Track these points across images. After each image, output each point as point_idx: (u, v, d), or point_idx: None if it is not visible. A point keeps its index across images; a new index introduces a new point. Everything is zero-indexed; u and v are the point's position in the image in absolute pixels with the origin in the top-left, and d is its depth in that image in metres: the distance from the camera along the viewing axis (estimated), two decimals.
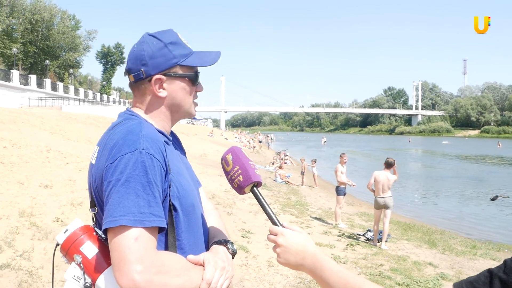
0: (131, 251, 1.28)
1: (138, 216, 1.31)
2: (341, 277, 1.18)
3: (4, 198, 7.21)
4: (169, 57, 1.57)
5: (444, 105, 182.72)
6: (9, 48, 52.76)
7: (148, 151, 1.39)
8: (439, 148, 69.64)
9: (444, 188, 23.49)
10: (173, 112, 1.65)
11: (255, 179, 1.53)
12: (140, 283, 1.25)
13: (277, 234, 1.39)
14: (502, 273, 0.88)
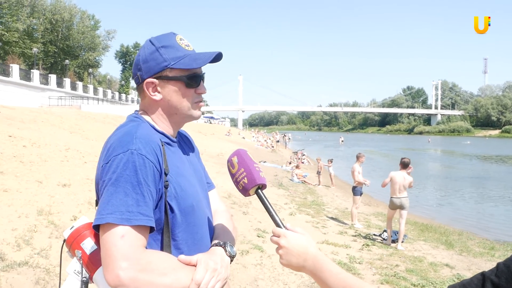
0: (116, 248, 1.32)
1: (126, 215, 1.35)
2: (340, 278, 1.19)
3: (23, 197, 7.32)
4: (160, 61, 1.59)
5: (464, 105, 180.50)
6: (30, 48, 53.62)
7: (140, 152, 1.43)
8: (458, 148, 68.79)
9: (463, 189, 23.21)
10: (171, 115, 1.66)
11: (260, 182, 1.55)
12: (124, 279, 1.29)
13: (279, 236, 1.42)
14: (494, 276, 0.89)
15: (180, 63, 1.59)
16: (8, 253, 5.18)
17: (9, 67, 36.61)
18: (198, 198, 1.64)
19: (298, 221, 10.86)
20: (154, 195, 1.45)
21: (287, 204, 13.24)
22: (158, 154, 1.49)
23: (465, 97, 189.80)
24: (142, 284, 1.31)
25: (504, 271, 0.88)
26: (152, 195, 1.44)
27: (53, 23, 61.61)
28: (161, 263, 1.37)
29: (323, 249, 8.31)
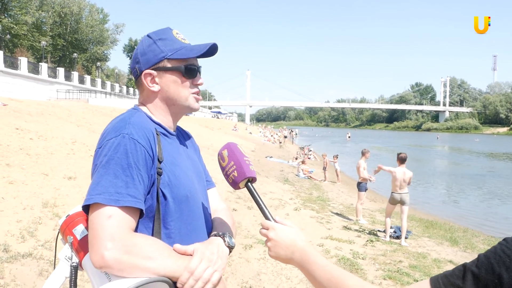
0: (103, 228, 1.33)
1: (114, 196, 1.36)
2: (326, 270, 1.20)
3: (28, 189, 7.37)
4: (157, 52, 1.63)
5: (473, 102, 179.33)
6: (38, 41, 53.85)
7: (132, 136, 1.46)
8: (467, 145, 68.43)
9: (469, 186, 23.10)
10: (170, 106, 1.69)
11: (249, 175, 1.56)
12: (108, 260, 1.29)
13: (268, 229, 1.43)
14: (475, 267, 0.90)
15: (177, 54, 1.63)
16: (12, 244, 5.23)
17: (17, 60, 36.76)
18: (193, 189, 1.65)
19: (303, 217, 10.86)
20: (145, 179, 1.46)
21: (292, 200, 13.23)
22: (151, 140, 1.51)
23: (474, 94, 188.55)
24: (126, 266, 1.31)
25: (484, 262, 0.89)
26: (143, 179, 1.45)
27: (62, 17, 61.79)
28: (148, 247, 1.36)
29: (326, 244, 8.32)
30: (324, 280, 1.19)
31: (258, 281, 5.94)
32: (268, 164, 23.77)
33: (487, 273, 0.87)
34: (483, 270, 0.88)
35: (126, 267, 1.31)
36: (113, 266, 1.30)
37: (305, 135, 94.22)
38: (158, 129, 1.63)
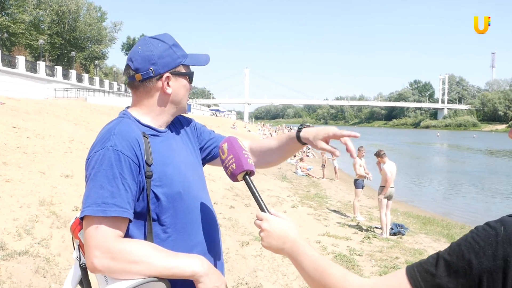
0: (91, 238, 1.46)
1: (102, 206, 1.46)
2: (312, 260, 1.25)
3: (25, 187, 7.38)
4: (175, 57, 1.72)
5: (471, 99, 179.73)
6: (36, 39, 53.76)
7: (115, 148, 1.54)
8: (466, 142, 68.49)
9: (467, 183, 23.16)
10: (174, 108, 1.79)
11: (247, 168, 1.61)
12: (98, 266, 1.43)
13: (262, 220, 1.47)
14: (447, 255, 0.93)
15: (187, 61, 1.75)
16: (8, 242, 5.24)
17: (15, 59, 36.71)
18: (187, 184, 1.71)
19: (300, 214, 10.90)
20: (132, 187, 1.54)
21: (289, 197, 13.27)
22: (135, 148, 1.57)
23: (472, 92, 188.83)
24: (115, 271, 1.44)
25: (456, 250, 0.92)
26: (130, 187, 1.53)
27: (60, 15, 61.73)
28: (132, 252, 1.46)
29: (323, 241, 8.35)
30: (310, 269, 1.23)
31: (254, 277, 5.96)
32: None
33: (458, 259, 0.90)
34: (454, 257, 0.91)
35: (115, 272, 1.44)
36: (104, 271, 1.45)
37: None
38: (147, 132, 1.69)
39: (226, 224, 8.18)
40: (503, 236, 0.87)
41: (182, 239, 1.67)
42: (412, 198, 17.91)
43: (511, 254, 0.85)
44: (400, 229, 9.81)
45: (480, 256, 0.87)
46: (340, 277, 1.14)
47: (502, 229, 0.88)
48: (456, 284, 0.89)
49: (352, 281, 1.10)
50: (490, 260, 0.86)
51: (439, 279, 0.91)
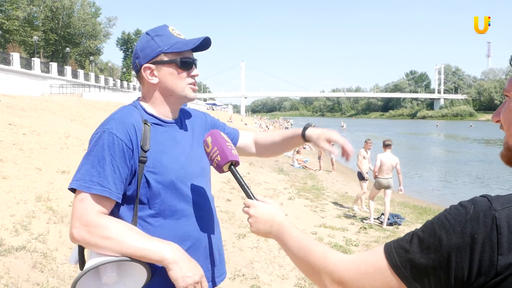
0: (75, 210, 1.59)
1: (88, 183, 1.58)
2: (297, 240, 1.29)
3: (22, 184, 7.40)
4: (154, 47, 1.78)
5: (467, 89, 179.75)
6: (31, 36, 53.48)
7: (111, 131, 1.65)
8: (462, 132, 68.60)
9: (463, 172, 23.25)
10: (167, 96, 1.83)
11: (232, 158, 1.67)
12: (76, 236, 1.56)
13: (249, 206, 1.53)
14: (420, 232, 0.97)
15: (172, 48, 1.77)
16: (5, 238, 5.26)
17: (9, 56, 36.50)
18: (183, 175, 1.78)
19: (297, 206, 10.93)
20: (122, 169, 1.64)
21: (286, 189, 13.31)
22: (131, 134, 1.67)
23: (468, 81, 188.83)
24: (89, 243, 1.56)
25: (428, 227, 0.96)
26: (120, 169, 1.63)
27: (54, 11, 61.39)
28: (107, 228, 1.56)
29: (320, 232, 8.40)
30: (296, 249, 1.28)
31: (251, 269, 6.01)
32: None
33: (429, 236, 0.94)
34: (427, 233, 0.95)
35: (88, 244, 1.57)
36: (80, 241, 1.57)
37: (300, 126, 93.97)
38: (150, 120, 1.77)
39: (223, 217, 8.22)
40: (472, 215, 0.91)
41: (171, 227, 1.73)
42: (408, 188, 17.93)
43: (478, 231, 0.88)
44: (396, 219, 9.87)
45: (449, 233, 0.91)
46: (322, 253, 1.18)
47: (472, 208, 0.92)
48: (427, 259, 0.93)
49: (333, 256, 1.15)
50: (458, 237, 0.90)
51: (412, 255, 0.96)
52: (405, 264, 0.97)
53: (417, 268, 0.95)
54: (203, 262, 1.78)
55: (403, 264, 0.97)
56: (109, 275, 1.61)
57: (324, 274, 1.14)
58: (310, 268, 1.21)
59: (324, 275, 1.14)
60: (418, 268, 0.95)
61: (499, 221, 0.88)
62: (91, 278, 1.61)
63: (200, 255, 1.79)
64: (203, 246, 1.83)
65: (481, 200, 0.93)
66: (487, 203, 0.92)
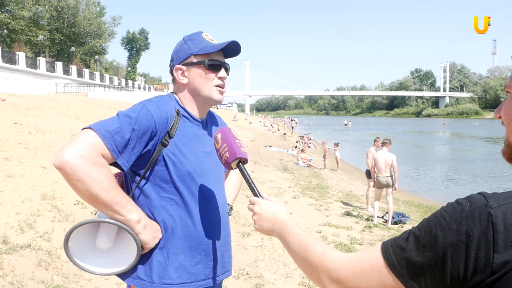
0: (84, 139, 1.64)
1: (106, 133, 1.67)
2: (298, 238, 1.31)
3: (27, 182, 7.44)
4: (186, 50, 1.92)
5: (473, 87, 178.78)
6: (36, 35, 53.57)
7: (147, 107, 1.79)
8: (469, 130, 68.32)
9: (469, 171, 23.15)
10: (195, 96, 1.95)
11: (240, 155, 1.70)
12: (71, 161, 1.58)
13: (254, 204, 1.56)
14: (417, 230, 0.97)
15: (201, 50, 1.90)
16: (11, 236, 5.30)
17: (15, 55, 36.66)
18: (199, 170, 1.89)
19: (302, 204, 10.92)
20: (138, 140, 1.74)
21: (291, 188, 13.29)
22: (162, 118, 1.80)
23: (474, 79, 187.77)
24: (76, 174, 1.58)
25: (425, 225, 0.96)
26: (136, 138, 1.73)
27: (59, 10, 61.49)
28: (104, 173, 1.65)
29: (324, 231, 8.39)
30: (296, 247, 1.29)
31: (255, 267, 6.01)
32: (267, 153, 23.82)
33: (425, 234, 0.94)
34: (423, 231, 0.95)
35: (75, 176, 1.59)
36: (68, 167, 1.58)
37: (305, 124, 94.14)
38: (182, 112, 1.92)
39: None
40: (467, 212, 0.90)
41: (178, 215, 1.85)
42: (413, 187, 17.94)
43: (474, 229, 0.88)
44: (401, 218, 9.85)
45: (445, 230, 0.91)
46: (321, 252, 1.19)
47: (468, 205, 0.91)
48: (423, 257, 0.93)
49: (331, 255, 1.15)
50: (454, 235, 0.89)
51: (408, 253, 0.95)
52: (401, 263, 0.97)
53: (413, 266, 0.95)
54: (203, 257, 1.90)
55: (399, 262, 0.97)
56: (100, 240, 1.73)
57: (322, 272, 1.15)
58: (309, 266, 1.22)
59: (322, 273, 1.15)
60: (414, 266, 0.95)
61: (495, 219, 0.87)
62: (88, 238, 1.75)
63: (201, 249, 1.89)
64: (205, 242, 1.90)
65: (477, 198, 0.93)
66: (483, 201, 0.91)
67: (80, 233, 1.71)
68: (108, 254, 1.77)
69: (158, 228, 1.81)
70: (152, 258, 1.81)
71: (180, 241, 1.84)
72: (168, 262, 1.81)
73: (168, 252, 1.82)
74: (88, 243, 1.76)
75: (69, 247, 1.71)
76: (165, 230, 1.83)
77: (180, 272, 1.83)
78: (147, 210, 1.82)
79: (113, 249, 1.77)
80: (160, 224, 1.83)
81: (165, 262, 1.81)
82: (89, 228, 1.74)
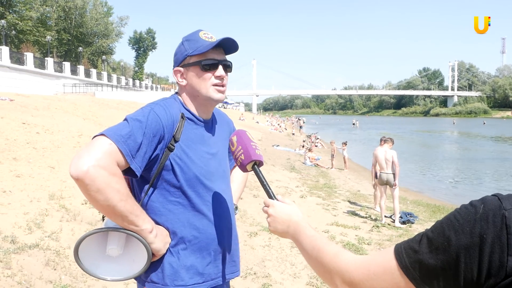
0: (100, 147, 1.59)
1: (120, 137, 1.64)
2: (311, 240, 1.31)
3: (35, 182, 7.46)
4: (183, 51, 1.91)
5: (482, 86, 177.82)
6: (44, 36, 53.88)
7: (154, 110, 1.77)
8: (478, 130, 67.90)
9: (477, 171, 22.98)
10: (195, 97, 1.93)
11: (255, 158, 1.71)
12: (90, 171, 1.52)
13: (269, 206, 1.56)
14: (430, 232, 0.95)
15: (196, 51, 1.87)
16: (19, 236, 5.31)
17: (23, 56, 36.92)
18: (205, 172, 1.88)
19: (309, 204, 10.90)
20: (149, 144, 1.72)
21: (298, 187, 13.27)
22: (169, 121, 1.78)
23: (483, 78, 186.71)
24: (95, 185, 1.53)
25: (438, 227, 0.94)
26: (147, 143, 1.71)
27: (66, 11, 61.85)
28: (121, 183, 1.62)
29: (332, 230, 8.36)
30: (309, 248, 1.29)
31: (263, 267, 5.99)
32: (274, 152, 23.78)
33: (438, 236, 0.92)
34: (436, 234, 0.93)
35: (95, 186, 1.54)
36: (88, 178, 1.52)
37: (312, 123, 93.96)
38: (186, 115, 1.89)
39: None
40: (481, 214, 0.88)
41: (186, 217, 1.85)
42: (421, 186, 17.85)
43: (487, 231, 0.86)
44: (409, 218, 9.80)
45: (458, 233, 0.89)
46: (333, 254, 1.18)
47: (482, 207, 0.89)
48: (436, 260, 0.91)
49: (344, 257, 1.14)
50: (467, 237, 0.87)
51: (421, 255, 0.94)
52: (414, 265, 0.95)
53: (426, 269, 0.93)
54: (213, 258, 1.91)
55: (412, 265, 0.96)
56: (110, 247, 1.72)
57: (335, 274, 1.14)
58: (322, 267, 1.22)
59: (335, 275, 1.14)
60: (427, 269, 0.93)
61: (509, 221, 0.85)
62: (97, 245, 1.74)
63: (211, 250, 1.90)
64: (215, 243, 1.91)
65: (491, 199, 0.90)
66: (497, 202, 0.89)
67: (89, 241, 1.71)
68: (117, 260, 1.78)
69: (167, 233, 1.81)
70: (163, 261, 1.81)
71: (190, 243, 1.84)
72: (180, 264, 1.82)
73: (178, 255, 1.82)
74: (98, 250, 1.75)
75: (79, 256, 1.70)
76: (174, 234, 1.83)
77: (192, 273, 1.84)
78: (155, 214, 1.82)
79: (123, 255, 1.78)
80: (168, 228, 1.82)
81: (177, 264, 1.82)
82: (98, 235, 1.75)
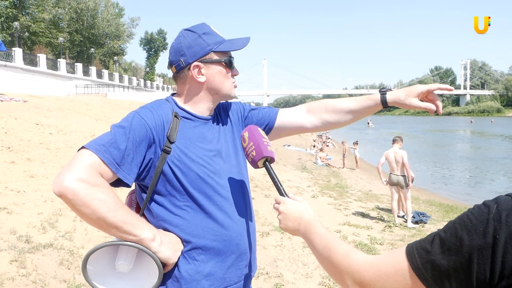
0: (80, 160, 1.49)
1: (100, 147, 1.53)
2: (322, 239, 1.30)
3: (49, 182, 7.53)
4: (204, 45, 1.77)
5: (494, 84, 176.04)
6: (56, 37, 54.35)
7: (140, 114, 1.66)
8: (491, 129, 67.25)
9: (491, 170, 22.75)
10: (213, 95, 1.83)
11: (266, 154, 1.68)
12: (71, 186, 1.42)
13: (280, 203, 1.56)
14: (442, 232, 0.94)
15: (220, 47, 1.78)
16: (34, 235, 5.37)
17: (36, 57, 37.18)
18: (209, 169, 1.75)
19: (321, 204, 10.88)
20: (136, 149, 1.61)
21: (310, 187, 13.25)
22: (158, 123, 1.67)
23: (495, 76, 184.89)
24: (79, 199, 1.43)
25: (450, 227, 0.93)
26: (133, 148, 1.60)
27: (78, 12, 62.32)
28: (106, 193, 1.49)
29: (344, 230, 8.34)
30: (320, 247, 1.28)
31: (275, 267, 6.00)
32: (286, 152, 23.76)
33: (451, 236, 0.91)
34: (448, 234, 0.92)
35: (79, 200, 1.44)
36: (70, 193, 1.43)
37: None
38: (181, 114, 1.77)
39: None
40: (494, 214, 0.87)
41: (200, 220, 1.72)
42: (434, 186, 17.73)
43: (500, 231, 0.84)
44: (422, 218, 9.74)
45: (471, 233, 0.88)
46: (344, 253, 1.17)
47: (495, 207, 0.88)
48: (448, 260, 0.90)
49: (355, 257, 1.13)
50: (480, 238, 0.86)
51: (433, 256, 0.93)
52: (426, 266, 0.94)
53: (438, 269, 0.92)
54: (234, 260, 1.77)
55: (424, 266, 0.94)
56: (119, 263, 1.63)
57: (346, 274, 1.13)
58: (333, 267, 1.20)
59: (346, 275, 1.13)
60: (439, 270, 0.92)
61: None
62: (107, 261, 1.65)
63: (230, 252, 1.77)
64: (234, 243, 1.77)
65: (504, 199, 0.89)
66: (510, 202, 0.87)
67: (99, 256, 1.62)
68: (130, 276, 1.67)
69: (178, 240, 1.68)
70: (180, 270, 1.69)
71: (207, 247, 1.71)
72: (198, 271, 1.69)
73: (195, 261, 1.70)
74: (108, 266, 1.67)
75: (87, 271, 1.61)
76: (188, 240, 1.70)
77: (212, 280, 1.72)
78: (165, 222, 1.70)
79: (135, 271, 1.67)
80: (181, 234, 1.70)
81: (194, 271, 1.69)
82: (108, 250, 1.65)
